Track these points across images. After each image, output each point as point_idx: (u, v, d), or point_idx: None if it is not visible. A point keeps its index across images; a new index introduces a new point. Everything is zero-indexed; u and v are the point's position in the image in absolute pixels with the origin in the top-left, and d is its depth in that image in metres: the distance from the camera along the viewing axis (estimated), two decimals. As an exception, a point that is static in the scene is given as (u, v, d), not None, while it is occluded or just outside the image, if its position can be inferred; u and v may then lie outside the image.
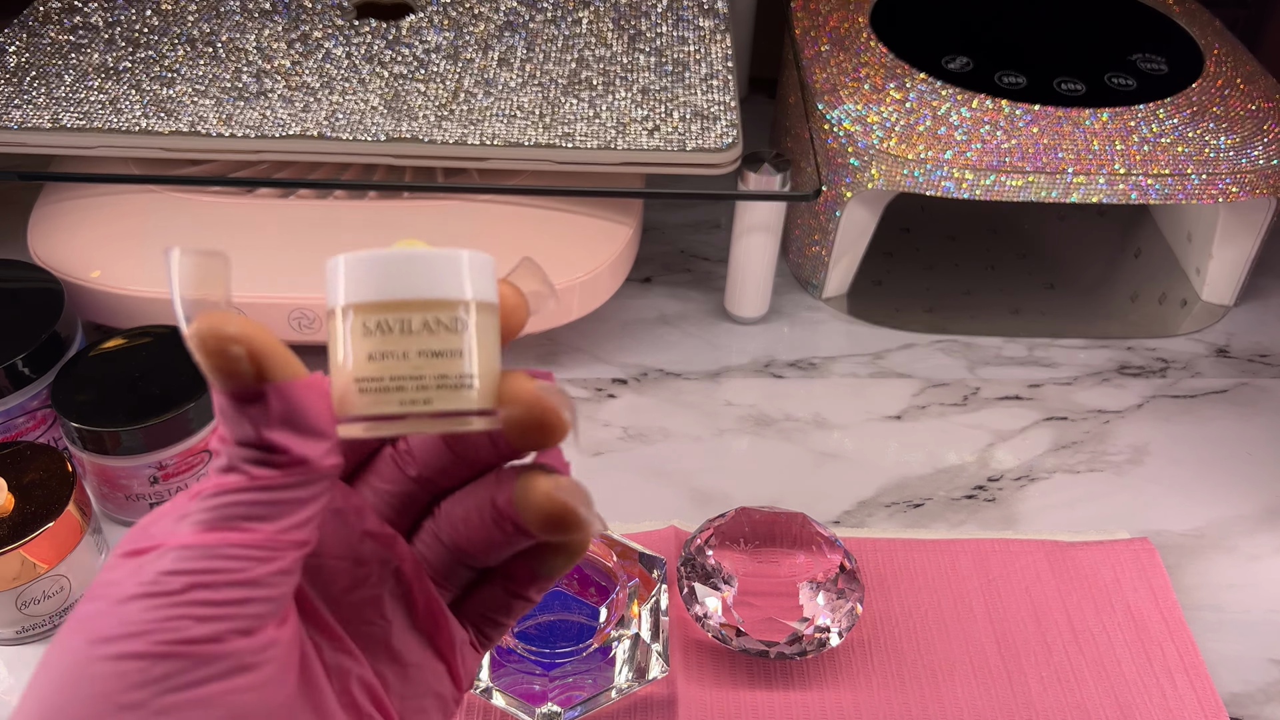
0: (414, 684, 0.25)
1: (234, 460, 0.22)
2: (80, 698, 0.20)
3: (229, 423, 0.22)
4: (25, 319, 0.50)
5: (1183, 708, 0.43)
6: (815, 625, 0.43)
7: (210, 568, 0.21)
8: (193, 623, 0.20)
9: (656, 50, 0.61)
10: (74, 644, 0.20)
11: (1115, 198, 0.57)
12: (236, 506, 0.21)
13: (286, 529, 0.22)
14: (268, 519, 0.21)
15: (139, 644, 0.20)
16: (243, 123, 0.55)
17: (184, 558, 0.21)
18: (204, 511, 0.21)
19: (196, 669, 0.20)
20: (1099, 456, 0.55)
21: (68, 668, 0.20)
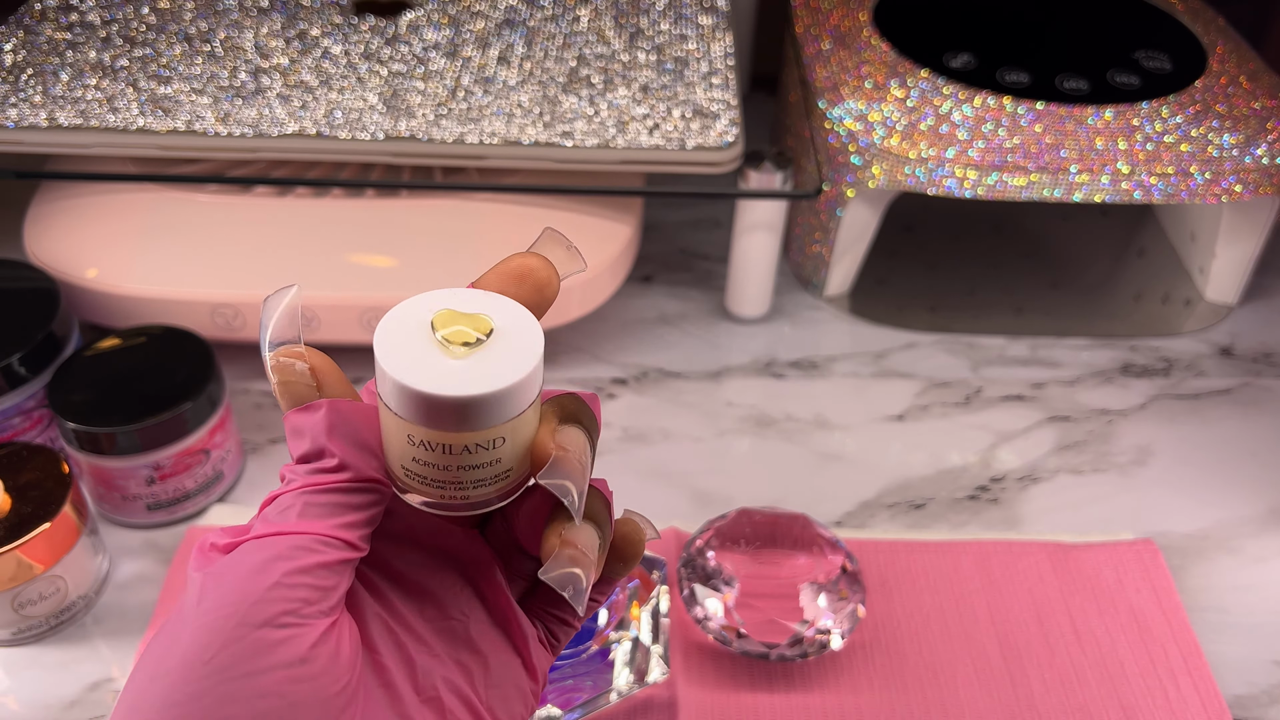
0: (495, 674, 0.27)
1: (295, 476, 0.25)
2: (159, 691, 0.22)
3: (293, 441, 0.25)
4: (21, 319, 0.50)
5: (1186, 710, 0.43)
6: (817, 627, 0.43)
7: (268, 556, 0.23)
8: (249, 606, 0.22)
9: (657, 48, 0.61)
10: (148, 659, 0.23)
11: (1118, 197, 0.56)
12: (291, 509, 0.24)
13: (335, 528, 0.24)
14: (320, 518, 0.24)
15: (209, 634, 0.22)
16: (240, 121, 0.55)
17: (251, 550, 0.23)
18: (270, 514, 0.24)
19: (256, 657, 0.22)
20: (1102, 457, 0.55)
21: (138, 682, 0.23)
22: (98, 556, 0.47)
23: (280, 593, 0.23)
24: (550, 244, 0.27)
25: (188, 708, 0.22)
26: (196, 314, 0.54)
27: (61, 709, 0.43)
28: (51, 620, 0.45)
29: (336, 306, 0.54)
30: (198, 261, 0.54)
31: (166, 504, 0.49)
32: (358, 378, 0.58)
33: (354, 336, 0.55)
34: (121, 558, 0.48)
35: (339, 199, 0.57)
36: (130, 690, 0.23)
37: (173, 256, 0.55)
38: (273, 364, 0.25)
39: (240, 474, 0.52)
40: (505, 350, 0.24)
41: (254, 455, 0.54)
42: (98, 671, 0.44)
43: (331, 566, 0.24)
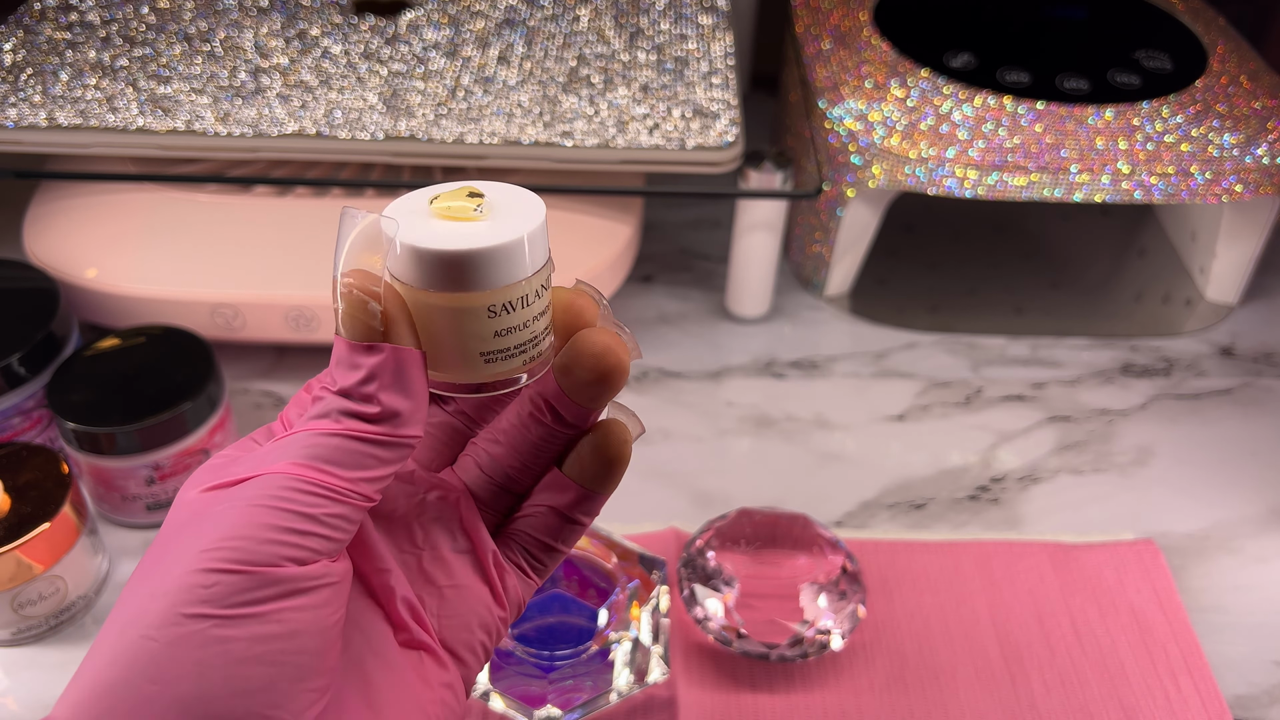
0: (451, 605, 0.27)
1: (331, 409, 0.24)
2: (155, 609, 0.22)
3: (342, 369, 0.24)
4: (20, 319, 0.50)
5: (1187, 710, 0.43)
6: (817, 627, 0.43)
7: (283, 496, 0.23)
8: (255, 544, 0.22)
9: (657, 47, 0.61)
10: (153, 565, 0.23)
11: (1119, 196, 0.56)
12: (321, 449, 0.24)
13: (358, 480, 0.24)
14: (345, 466, 0.24)
15: (208, 559, 0.22)
16: (240, 121, 0.55)
17: (266, 484, 0.23)
18: (297, 448, 0.24)
19: (256, 589, 0.22)
20: (1103, 457, 0.55)
21: (145, 586, 0.23)
22: (97, 556, 0.47)
23: (290, 537, 0.23)
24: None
25: (185, 627, 0.22)
26: (196, 314, 0.54)
27: (61, 709, 0.43)
28: (51, 620, 0.45)
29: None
30: (198, 261, 0.54)
31: (166, 504, 0.49)
32: (357, 378, 0.58)
33: (354, 336, 0.55)
34: (121, 558, 0.48)
35: (339, 199, 0.56)
36: (130, 603, 0.23)
37: (173, 256, 0.55)
38: (343, 291, 0.24)
39: (240, 474, 0.52)
40: (507, 204, 0.25)
41: (254, 455, 0.54)
42: (97, 672, 0.44)
43: (346, 518, 0.24)
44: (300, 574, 0.23)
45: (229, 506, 0.23)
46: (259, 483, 0.23)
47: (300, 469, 0.23)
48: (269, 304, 0.54)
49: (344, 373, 0.24)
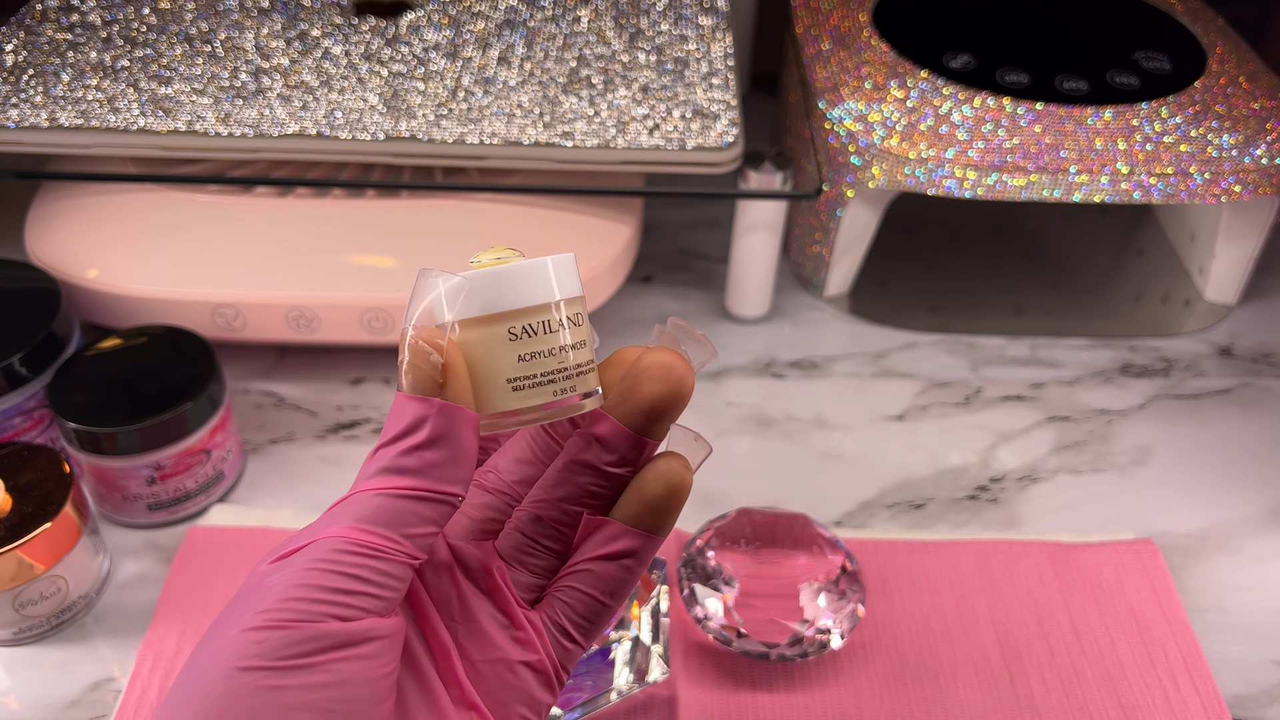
0: (487, 681, 0.27)
1: (377, 466, 0.25)
2: (212, 666, 0.23)
3: (392, 418, 0.25)
4: (22, 319, 0.50)
5: (1186, 710, 0.43)
6: (816, 627, 0.43)
7: (329, 559, 0.24)
8: (305, 604, 0.23)
9: (657, 48, 0.61)
10: (215, 629, 0.24)
11: (1118, 197, 0.56)
12: (366, 510, 0.25)
13: (402, 539, 0.25)
14: (389, 525, 0.25)
15: (260, 619, 0.23)
16: (241, 121, 0.55)
17: (319, 548, 0.24)
18: (347, 512, 0.25)
19: (304, 643, 0.23)
20: (1102, 457, 0.55)
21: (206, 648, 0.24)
22: (98, 556, 0.47)
23: (336, 596, 0.24)
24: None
25: (238, 680, 0.23)
26: (197, 314, 0.54)
27: (61, 709, 0.43)
28: (52, 620, 0.45)
29: (336, 306, 0.54)
30: (198, 261, 0.54)
31: (167, 504, 0.49)
32: (360, 378, 0.58)
33: (354, 336, 0.55)
34: (122, 558, 0.49)
35: (339, 199, 0.57)
36: (188, 667, 0.24)
37: (173, 256, 0.55)
38: (410, 342, 0.25)
39: (241, 474, 0.52)
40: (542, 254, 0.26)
41: (254, 455, 0.54)
42: (98, 671, 0.44)
43: (392, 574, 0.25)
44: (349, 629, 0.24)
45: (283, 574, 0.24)
46: (311, 549, 0.24)
47: (348, 531, 0.24)
48: (270, 304, 0.54)
49: (393, 422, 0.25)
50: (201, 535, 0.49)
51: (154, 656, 0.44)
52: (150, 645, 0.44)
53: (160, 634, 0.45)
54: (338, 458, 0.54)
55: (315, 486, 0.52)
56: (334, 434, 0.55)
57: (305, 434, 0.55)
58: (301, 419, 0.56)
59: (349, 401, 0.57)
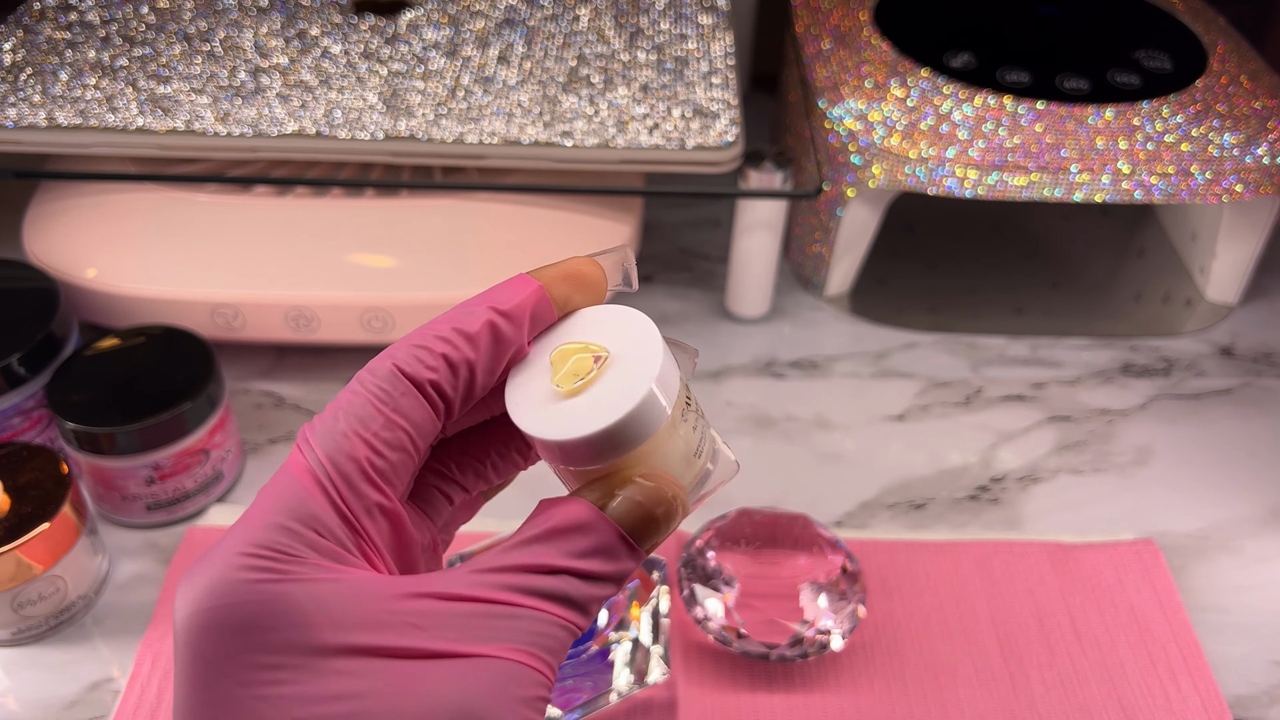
0: None
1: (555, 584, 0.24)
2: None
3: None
4: (20, 319, 0.50)
5: (1186, 710, 0.43)
6: (817, 627, 0.43)
7: (529, 693, 0.23)
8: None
9: (657, 47, 0.61)
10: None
11: (1119, 196, 0.56)
12: (545, 639, 0.24)
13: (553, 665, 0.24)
14: (555, 654, 0.24)
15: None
16: (239, 121, 0.55)
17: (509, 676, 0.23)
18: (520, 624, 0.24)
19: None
20: (1103, 457, 0.55)
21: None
22: (97, 556, 0.47)
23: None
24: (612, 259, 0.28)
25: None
26: (196, 314, 0.54)
27: (61, 709, 0.43)
28: (51, 620, 0.45)
29: (336, 306, 0.54)
30: (198, 261, 0.54)
31: (166, 504, 0.49)
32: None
33: (354, 337, 0.55)
34: (121, 558, 0.48)
35: (339, 199, 0.56)
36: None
37: (173, 256, 0.54)
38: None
39: (240, 474, 0.52)
40: (623, 378, 0.24)
41: (254, 455, 0.54)
42: (97, 671, 0.44)
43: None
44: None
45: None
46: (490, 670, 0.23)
47: (528, 658, 0.23)
48: (269, 304, 0.54)
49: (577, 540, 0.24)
50: (201, 535, 0.49)
51: (153, 656, 0.44)
52: (149, 645, 0.44)
53: (159, 634, 0.45)
54: (337, 458, 0.53)
55: (314, 486, 0.52)
56: (333, 434, 0.55)
57: (304, 434, 0.55)
58: (301, 419, 0.56)
59: (348, 401, 0.56)
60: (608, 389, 0.24)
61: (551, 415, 0.24)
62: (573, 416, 0.24)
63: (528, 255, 0.55)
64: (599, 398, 0.24)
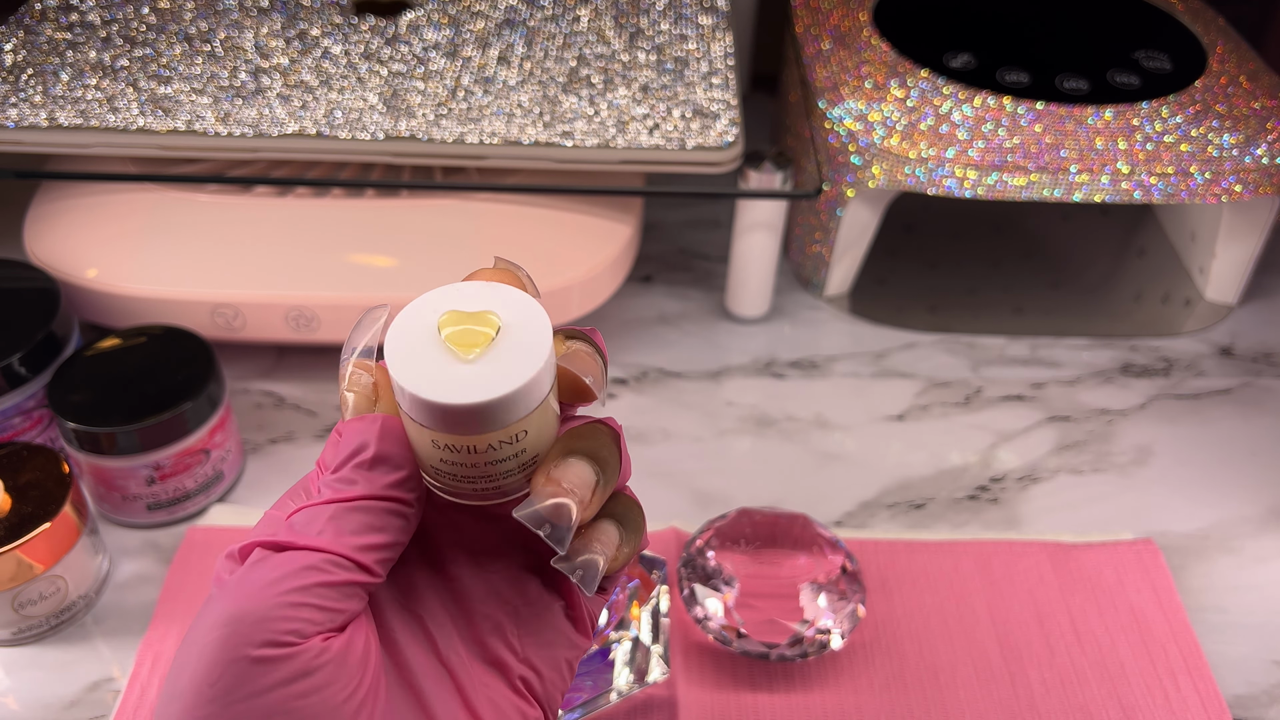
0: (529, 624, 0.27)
1: (325, 486, 0.25)
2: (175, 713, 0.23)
3: (333, 446, 0.25)
4: (21, 319, 0.50)
5: (1186, 710, 0.43)
6: (817, 627, 0.43)
7: (277, 575, 0.23)
8: (249, 626, 0.23)
9: (657, 48, 0.61)
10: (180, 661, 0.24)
11: (1118, 196, 0.56)
12: (314, 522, 0.24)
13: (354, 549, 0.24)
14: (340, 534, 0.24)
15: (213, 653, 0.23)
16: (240, 121, 0.55)
17: (264, 567, 0.24)
18: (295, 523, 0.24)
19: (257, 677, 0.22)
20: (1102, 457, 0.55)
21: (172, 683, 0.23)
22: (98, 556, 0.47)
23: (285, 612, 0.23)
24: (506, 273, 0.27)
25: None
26: (196, 314, 0.54)
27: (61, 709, 0.43)
28: (51, 620, 0.45)
29: (336, 306, 0.54)
30: (198, 261, 0.54)
31: (166, 504, 0.49)
32: (358, 378, 0.58)
33: (354, 336, 0.55)
34: (121, 558, 0.48)
35: (339, 199, 0.57)
36: (158, 709, 0.23)
37: (173, 256, 0.55)
38: (348, 373, 0.26)
39: (240, 474, 0.52)
40: (515, 346, 0.24)
41: (254, 455, 0.54)
42: (98, 671, 0.44)
43: (341, 588, 0.24)
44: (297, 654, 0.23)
45: (229, 589, 0.23)
46: (257, 565, 0.24)
47: (293, 538, 0.24)
48: (269, 304, 0.54)
49: (335, 450, 0.25)
50: (201, 535, 0.49)
51: (153, 656, 0.44)
52: (149, 645, 0.44)
53: (159, 634, 0.45)
54: (337, 458, 0.53)
55: (315, 486, 0.52)
56: (333, 434, 0.55)
57: (305, 434, 0.55)
58: (301, 419, 0.56)
59: (349, 401, 0.56)
60: (507, 352, 0.24)
61: (454, 381, 0.23)
62: (470, 383, 0.23)
63: (528, 255, 0.55)
64: (501, 360, 0.24)
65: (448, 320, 0.24)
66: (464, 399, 0.23)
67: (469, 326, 0.24)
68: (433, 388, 0.23)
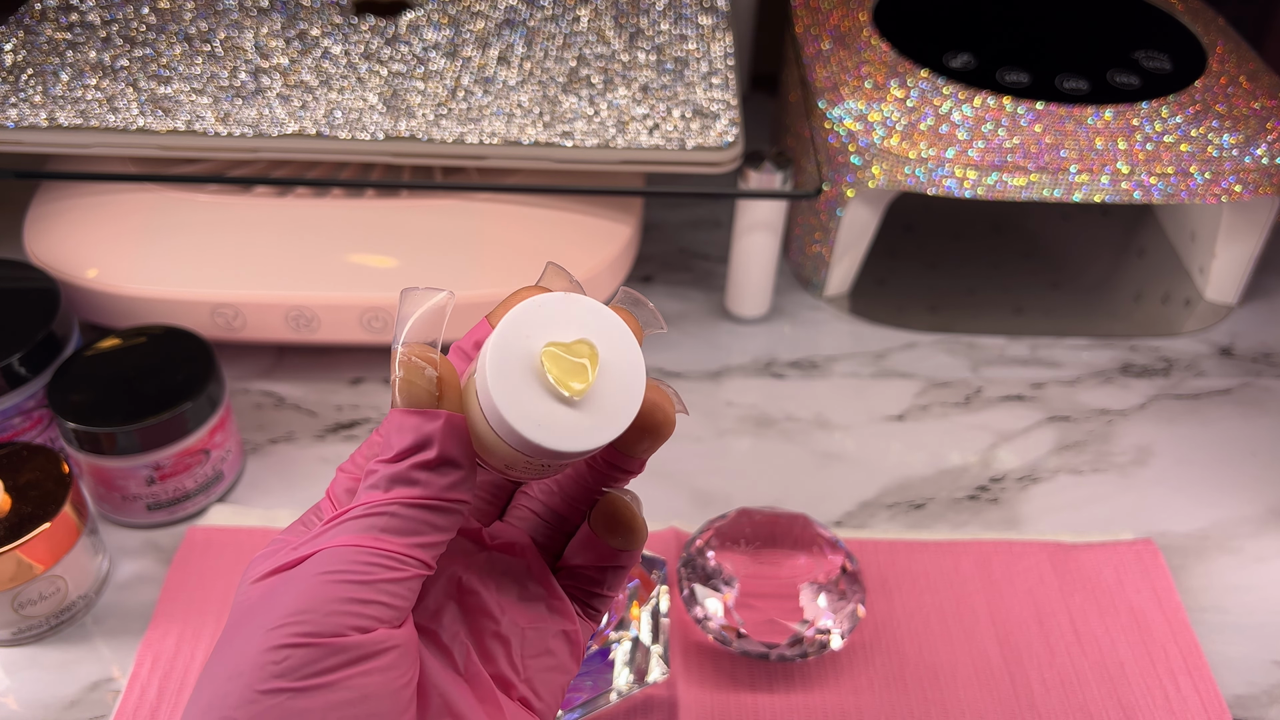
0: (534, 645, 0.28)
1: (382, 480, 0.25)
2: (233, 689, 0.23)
3: (398, 435, 0.25)
4: (21, 319, 0.50)
5: (1186, 710, 0.43)
6: (816, 627, 0.43)
7: (342, 569, 0.24)
8: (321, 616, 0.24)
9: (657, 48, 0.61)
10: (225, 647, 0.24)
11: (1118, 197, 0.56)
12: (377, 520, 0.25)
13: (414, 546, 0.25)
14: (401, 534, 0.25)
15: (279, 636, 0.23)
16: (240, 121, 0.55)
17: (328, 559, 0.24)
18: (353, 522, 0.25)
19: (324, 659, 0.23)
20: (1102, 457, 0.55)
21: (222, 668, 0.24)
22: (98, 556, 0.47)
23: (354, 607, 0.24)
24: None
25: (263, 704, 0.23)
26: (196, 314, 0.54)
27: (61, 709, 0.43)
28: (51, 620, 0.45)
29: (336, 306, 0.54)
30: (198, 261, 0.54)
31: (166, 504, 0.49)
32: (359, 377, 0.58)
33: (354, 337, 0.55)
34: (121, 558, 0.48)
35: (339, 199, 0.57)
36: (208, 687, 0.24)
37: (173, 256, 0.55)
38: (401, 359, 0.25)
39: (240, 474, 0.52)
40: (611, 389, 0.25)
41: (254, 455, 0.54)
42: (98, 671, 0.44)
43: (406, 582, 0.25)
44: (365, 641, 0.24)
45: (293, 584, 0.24)
46: (319, 558, 0.25)
47: (360, 540, 0.25)
48: (269, 304, 0.54)
49: (395, 438, 0.25)
50: (201, 535, 0.49)
51: (153, 657, 0.44)
52: (149, 645, 0.44)
53: (159, 634, 0.45)
54: (337, 458, 0.54)
55: (315, 486, 0.52)
56: (333, 434, 0.55)
57: (305, 434, 0.55)
58: (301, 419, 0.56)
59: (348, 401, 0.57)
60: (606, 390, 0.25)
61: (558, 422, 0.24)
62: (581, 423, 0.24)
63: (528, 255, 0.55)
64: (602, 401, 0.25)
65: (549, 355, 0.25)
66: (571, 446, 0.24)
67: (571, 361, 0.25)
68: (538, 431, 0.24)
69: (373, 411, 0.56)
